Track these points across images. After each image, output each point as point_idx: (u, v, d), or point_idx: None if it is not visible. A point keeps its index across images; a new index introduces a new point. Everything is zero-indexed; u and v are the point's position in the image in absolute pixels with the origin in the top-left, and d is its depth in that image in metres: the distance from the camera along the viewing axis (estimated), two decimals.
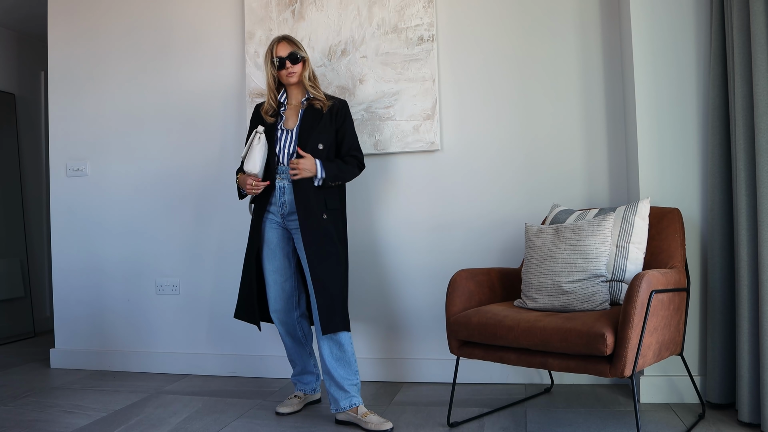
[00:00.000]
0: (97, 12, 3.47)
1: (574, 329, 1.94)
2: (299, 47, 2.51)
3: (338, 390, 2.37)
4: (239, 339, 3.20)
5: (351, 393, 2.36)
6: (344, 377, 2.36)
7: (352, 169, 2.52)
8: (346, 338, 2.38)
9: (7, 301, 4.38)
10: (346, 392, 2.36)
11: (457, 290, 2.36)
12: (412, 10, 2.97)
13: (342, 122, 2.53)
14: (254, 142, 2.45)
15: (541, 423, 2.31)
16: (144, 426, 2.42)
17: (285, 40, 2.50)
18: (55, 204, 3.53)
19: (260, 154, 2.44)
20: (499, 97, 2.92)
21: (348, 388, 2.36)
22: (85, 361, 3.43)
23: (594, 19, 2.84)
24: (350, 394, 2.36)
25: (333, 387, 2.37)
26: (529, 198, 2.88)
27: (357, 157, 2.55)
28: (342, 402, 2.36)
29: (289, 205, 2.45)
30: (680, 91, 2.53)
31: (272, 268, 2.50)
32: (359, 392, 2.40)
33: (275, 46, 2.48)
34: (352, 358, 2.40)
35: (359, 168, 2.56)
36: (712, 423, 2.25)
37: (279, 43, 2.49)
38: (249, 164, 2.44)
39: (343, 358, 2.38)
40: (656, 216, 2.38)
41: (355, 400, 2.37)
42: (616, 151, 2.81)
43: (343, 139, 2.54)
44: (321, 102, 2.50)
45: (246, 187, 2.46)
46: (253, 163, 2.43)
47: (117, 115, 3.43)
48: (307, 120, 2.48)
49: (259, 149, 2.44)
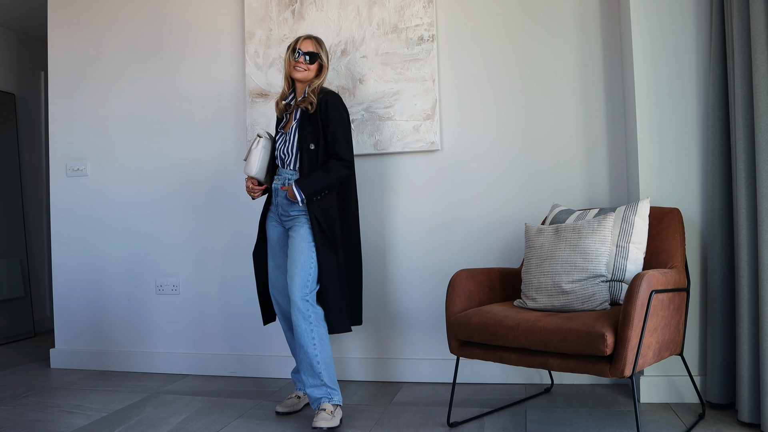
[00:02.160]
0: (97, 12, 3.47)
1: (574, 329, 1.94)
2: (323, 51, 2.51)
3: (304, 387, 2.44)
4: (239, 339, 3.20)
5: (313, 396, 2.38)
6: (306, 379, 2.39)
7: (336, 173, 2.40)
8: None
9: (7, 301, 4.38)
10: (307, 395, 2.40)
11: (457, 290, 2.36)
12: (412, 10, 2.97)
13: (324, 114, 2.43)
14: (252, 146, 2.53)
15: (541, 423, 2.31)
16: (144, 426, 2.42)
17: (313, 39, 2.51)
18: (55, 204, 3.53)
19: (257, 158, 2.51)
20: (499, 97, 2.92)
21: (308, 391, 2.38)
22: (85, 361, 3.43)
23: (594, 19, 2.84)
24: (311, 398, 2.38)
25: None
26: (529, 198, 2.88)
27: (340, 159, 2.42)
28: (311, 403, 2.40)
29: (281, 207, 2.49)
30: (680, 91, 2.53)
31: (274, 264, 2.57)
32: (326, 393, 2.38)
33: (302, 39, 2.50)
34: (314, 360, 2.36)
35: (346, 168, 2.43)
36: (712, 423, 2.25)
37: (306, 38, 2.50)
38: (246, 167, 2.54)
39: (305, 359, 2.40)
40: (656, 216, 2.38)
41: (319, 401, 2.37)
42: (616, 151, 2.81)
43: (326, 130, 2.44)
44: (308, 102, 2.45)
45: (246, 189, 2.56)
46: (250, 167, 2.52)
47: (117, 115, 3.43)
48: (299, 123, 2.49)
49: (257, 153, 2.51)
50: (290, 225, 2.48)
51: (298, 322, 2.34)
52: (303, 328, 2.34)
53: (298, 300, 2.34)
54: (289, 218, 2.48)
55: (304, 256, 2.38)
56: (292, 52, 2.48)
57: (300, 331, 2.34)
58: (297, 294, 2.34)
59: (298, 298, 2.34)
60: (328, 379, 2.36)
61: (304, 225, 2.42)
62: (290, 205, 2.46)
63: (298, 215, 2.45)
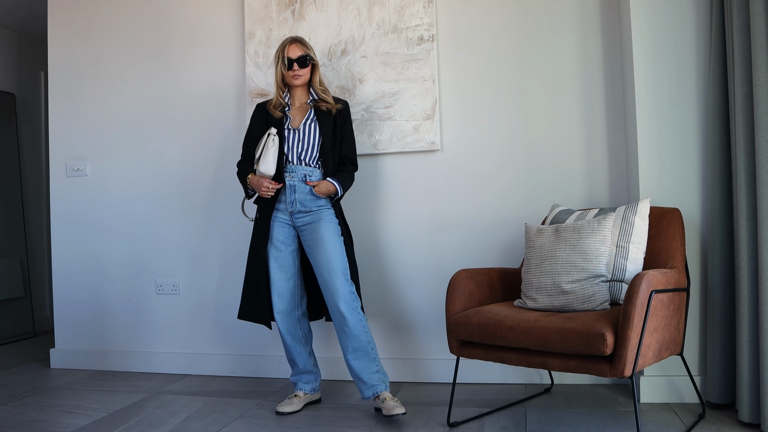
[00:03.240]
0: (97, 12, 3.47)
1: (574, 329, 1.94)
2: (311, 51, 2.56)
3: (358, 381, 2.45)
4: (239, 339, 3.20)
5: (370, 382, 2.42)
6: (363, 367, 2.43)
7: (351, 176, 2.62)
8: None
9: (7, 301, 4.38)
10: (365, 383, 2.43)
11: (457, 290, 2.36)
12: (412, 10, 2.97)
13: (344, 123, 2.61)
14: (268, 144, 2.47)
15: (541, 423, 2.31)
16: (144, 426, 2.42)
17: (298, 42, 2.54)
18: (55, 204, 3.53)
19: (274, 156, 2.47)
20: (499, 97, 2.92)
21: (366, 378, 2.43)
22: (85, 361, 3.43)
23: (594, 19, 2.84)
24: (369, 384, 2.43)
25: (354, 378, 2.47)
26: (529, 198, 2.88)
27: (354, 163, 2.64)
28: (365, 392, 2.44)
29: (299, 203, 2.48)
30: (680, 91, 2.53)
31: (277, 265, 2.55)
32: (381, 379, 2.44)
33: (287, 46, 2.52)
34: (368, 346, 2.44)
35: (354, 174, 2.68)
36: (712, 423, 2.25)
37: (291, 44, 2.52)
38: (264, 166, 2.47)
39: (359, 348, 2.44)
40: (656, 216, 2.38)
41: (377, 388, 2.42)
42: (616, 151, 2.81)
43: (343, 140, 2.60)
44: (328, 104, 2.54)
45: (261, 190, 2.48)
46: (267, 165, 2.46)
47: (117, 115, 3.43)
48: (317, 121, 2.54)
49: (273, 151, 2.47)
50: (308, 219, 2.50)
51: (349, 314, 2.40)
52: (355, 318, 2.41)
53: (347, 293, 2.41)
54: (307, 213, 2.50)
55: (340, 250, 2.46)
56: (282, 63, 2.50)
57: (352, 322, 2.40)
58: (345, 287, 2.41)
59: (346, 291, 2.41)
60: (380, 364, 2.47)
61: (331, 220, 2.49)
62: (314, 200, 2.49)
63: (320, 209, 2.50)
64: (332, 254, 2.43)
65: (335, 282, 2.40)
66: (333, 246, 2.44)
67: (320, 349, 3.01)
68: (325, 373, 3.01)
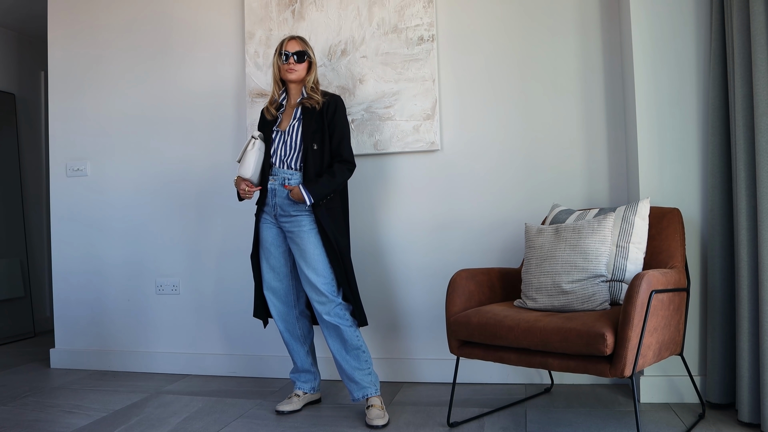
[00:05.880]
0: (97, 12, 3.47)
1: (574, 329, 1.94)
2: (309, 49, 2.55)
3: (348, 381, 2.46)
4: (239, 339, 3.20)
5: (362, 384, 2.44)
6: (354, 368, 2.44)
7: (341, 176, 2.45)
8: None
9: (7, 301, 4.38)
10: (356, 383, 2.44)
11: (457, 290, 2.36)
12: (412, 10, 2.97)
13: (332, 116, 2.49)
14: (248, 147, 2.51)
15: (541, 423, 2.31)
16: (144, 426, 2.42)
17: (297, 39, 2.55)
18: (55, 204, 3.53)
19: (253, 159, 2.49)
20: (499, 97, 2.92)
21: (358, 379, 2.44)
22: (85, 361, 3.43)
23: (594, 19, 2.84)
24: (361, 386, 2.44)
25: (344, 378, 2.47)
26: (529, 198, 2.88)
27: (346, 161, 2.48)
28: (355, 393, 2.45)
29: (279, 207, 2.48)
30: (680, 91, 2.53)
31: (269, 267, 2.56)
32: (372, 382, 2.45)
33: (286, 41, 2.53)
34: (359, 350, 2.45)
35: (350, 170, 2.49)
36: (712, 423, 2.25)
37: (291, 39, 2.54)
38: (242, 169, 2.50)
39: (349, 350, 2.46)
40: (656, 216, 2.38)
41: (367, 390, 2.44)
42: (616, 151, 2.81)
43: (333, 133, 2.49)
44: (314, 101, 2.50)
45: (240, 192, 2.51)
46: (246, 168, 2.49)
47: (117, 115, 3.43)
48: (302, 121, 2.50)
49: (253, 154, 2.49)
50: (290, 226, 2.47)
51: (337, 322, 2.42)
52: (343, 325, 2.43)
53: (330, 308, 2.43)
54: (288, 218, 2.47)
55: (322, 263, 2.44)
56: (279, 56, 2.51)
57: (342, 330, 2.42)
58: (326, 303, 2.43)
59: (330, 307, 2.43)
60: (372, 366, 2.48)
61: (310, 230, 2.44)
62: (292, 205, 2.45)
63: (299, 215, 2.45)
64: (310, 272, 2.42)
65: (314, 298, 2.44)
66: (314, 259, 2.43)
67: (320, 348, 3.01)
68: (325, 373, 3.01)
